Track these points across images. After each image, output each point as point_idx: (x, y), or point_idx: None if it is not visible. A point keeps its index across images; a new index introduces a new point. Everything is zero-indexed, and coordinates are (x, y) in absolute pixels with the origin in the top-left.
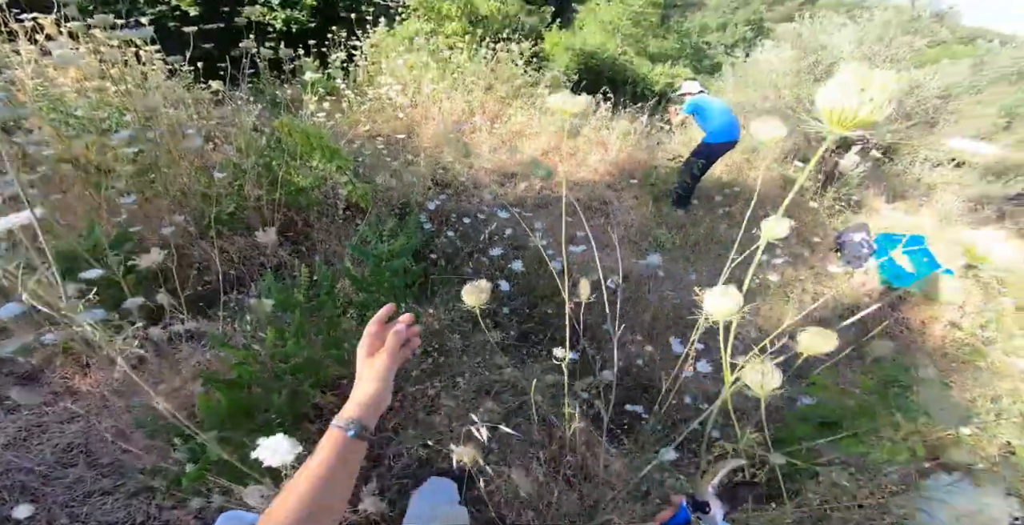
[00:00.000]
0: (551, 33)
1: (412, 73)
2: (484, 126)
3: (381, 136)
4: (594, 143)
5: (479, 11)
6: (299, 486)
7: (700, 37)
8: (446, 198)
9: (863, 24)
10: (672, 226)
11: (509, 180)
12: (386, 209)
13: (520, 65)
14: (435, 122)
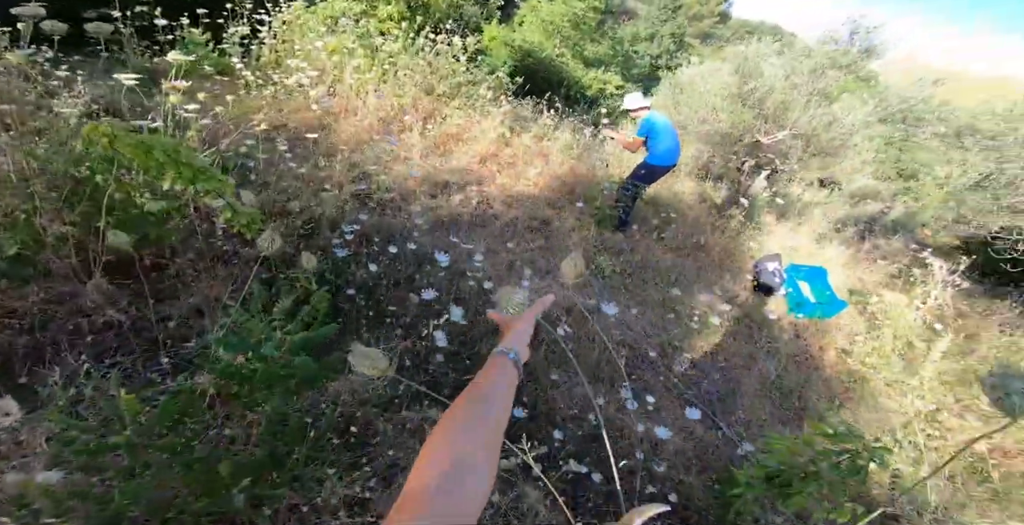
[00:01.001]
0: (490, 26)
1: (333, 59)
2: (416, 126)
3: (285, 130)
4: (535, 153)
5: None
6: (472, 395)
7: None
8: (367, 217)
9: (796, 57)
10: (613, 251)
11: (442, 191)
12: (285, 239)
13: (462, 61)
14: (358, 118)
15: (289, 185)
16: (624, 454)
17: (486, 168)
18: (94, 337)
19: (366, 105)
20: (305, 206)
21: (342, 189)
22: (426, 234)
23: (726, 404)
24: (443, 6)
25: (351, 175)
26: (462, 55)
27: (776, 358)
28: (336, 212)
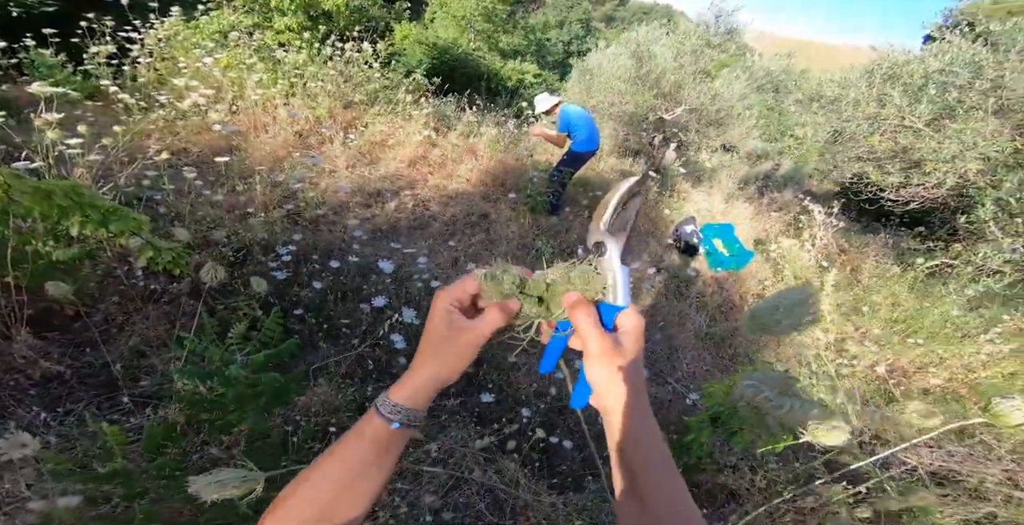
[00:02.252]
0: (401, 26)
1: (229, 75)
2: (336, 137)
3: (188, 156)
4: (463, 151)
5: (320, 5)
6: (320, 480)
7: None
8: (301, 236)
9: (679, 37)
10: (549, 234)
11: (376, 200)
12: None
13: (375, 66)
14: (270, 135)
15: (207, 214)
16: (590, 421)
17: (417, 171)
18: (38, 390)
19: (277, 121)
20: (231, 233)
21: (268, 211)
22: (367, 245)
23: (670, 361)
24: (346, 13)
25: (275, 195)
26: (374, 61)
27: (705, 312)
28: (267, 235)
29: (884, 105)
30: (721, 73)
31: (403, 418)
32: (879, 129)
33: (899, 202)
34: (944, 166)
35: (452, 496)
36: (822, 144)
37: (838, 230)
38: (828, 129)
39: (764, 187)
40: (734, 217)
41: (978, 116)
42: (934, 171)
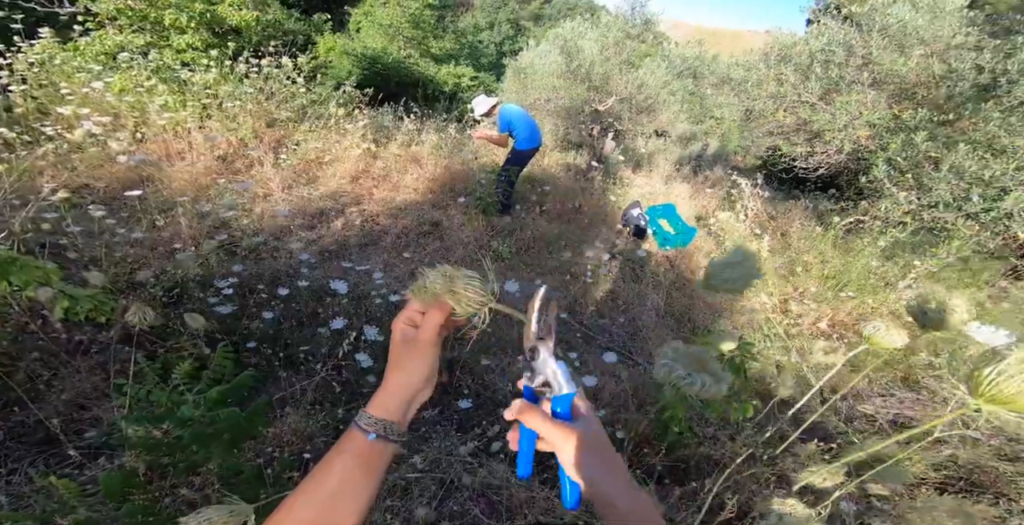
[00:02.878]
0: (324, 38)
1: (126, 100)
2: (266, 159)
3: (92, 192)
4: (406, 160)
5: (226, 21)
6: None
7: (474, 36)
8: (242, 266)
9: (602, 30)
10: (504, 234)
11: (320, 220)
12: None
13: (299, 81)
14: (187, 163)
15: (127, 254)
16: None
17: (360, 186)
18: None
19: (194, 146)
20: (159, 272)
21: (199, 244)
22: (316, 267)
23: (636, 341)
24: (257, 28)
25: (204, 227)
26: (297, 75)
27: (661, 290)
28: (202, 270)
29: (782, 84)
30: (644, 63)
31: (380, 429)
32: (781, 106)
33: (809, 169)
34: (839, 134)
35: (445, 505)
36: (738, 123)
37: (765, 200)
38: (740, 109)
39: (697, 167)
40: (674, 197)
41: (859, 89)
42: (832, 140)
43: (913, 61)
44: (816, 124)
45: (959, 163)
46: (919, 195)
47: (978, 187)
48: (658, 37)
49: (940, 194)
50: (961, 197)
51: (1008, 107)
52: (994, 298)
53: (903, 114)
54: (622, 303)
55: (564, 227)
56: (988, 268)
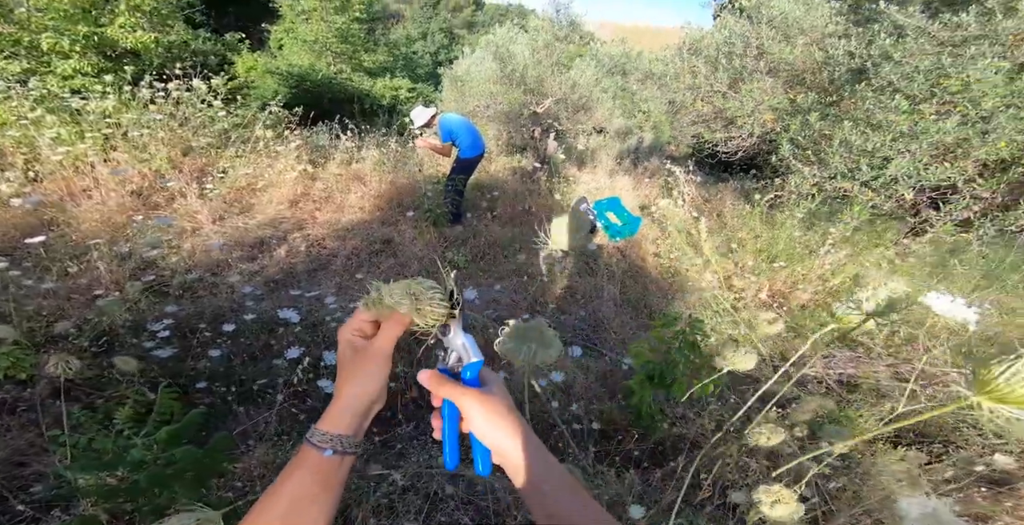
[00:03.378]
0: (243, 57)
1: (9, 134)
2: (189, 190)
3: None
4: (348, 179)
5: (119, 44)
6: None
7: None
8: (177, 307)
9: (532, 34)
10: (458, 243)
11: (260, 250)
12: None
13: (217, 104)
14: (96, 201)
15: (40, 306)
16: (542, 411)
17: (301, 210)
18: None
19: (100, 182)
20: (81, 322)
21: (122, 288)
22: (262, 299)
23: (599, 333)
24: (158, 50)
25: (127, 269)
26: (214, 98)
27: (615, 281)
28: (131, 315)
29: (696, 76)
30: (574, 63)
31: (335, 444)
32: (698, 96)
33: (730, 153)
34: (749, 120)
35: (433, 518)
36: (665, 115)
37: (698, 185)
38: (664, 101)
39: (636, 159)
40: (619, 189)
41: (759, 77)
42: (744, 125)
43: (798, 49)
44: (729, 111)
45: (846, 138)
46: (820, 169)
47: (865, 158)
48: (585, 37)
49: (836, 166)
50: (853, 167)
51: (878, 87)
52: (900, 255)
53: (797, 98)
54: (580, 297)
55: (516, 230)
56: (890, 228)
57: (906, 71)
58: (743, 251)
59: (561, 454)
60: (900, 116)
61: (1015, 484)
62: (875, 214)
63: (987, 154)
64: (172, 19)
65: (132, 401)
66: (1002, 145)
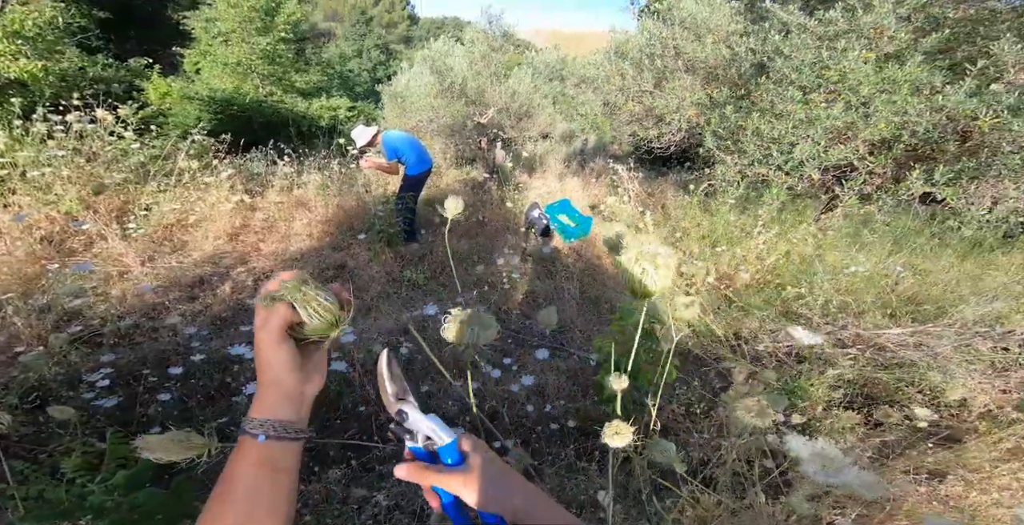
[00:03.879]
0: (155, 82)
1: None
2: (109, 231)
3: None
4: (292, 207)
5: (1, 74)
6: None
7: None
8: (114, 355)
9: (468, 46)
10: (415, 261)
11: (201, 289)
12: None
13: (128, 135)
14: (1, 251)
15: None
16: (520, 415)
17: (243, 244)
18: None
19: (2, 232)
20: (6, 380)
21: (46, 343)
22: (210, 339)
23: (564, 333)
24: (48, 79)
25: (48, 322)
26: (124, 129)
27: (574, 280)
28: (62, 368)
29: (624, 77)
30: (512, 72)
31: (268, 429)
32: (629, 97)
33: (664, 148)
34: (675, 116)
35: None
36: (601, 117)
37: (641, 180)
38: (599, 103)
39: (583, 161)
40: (569, 192)
41: (679, 76)
42: (672, 121)
43: (708, 48)
44: (657, 109)
45: (757, 127)
46: (740, 157)
47: (775, 144)
48: (521, 45)
49: (752, 154)
50: (767, 154)
51: (776, 80)
52: (821, 229)
53: (713, 93)
54: (542, 300)
55: (473, 242)
56: (809, 206)
57: (795, 64)
58: (688, 239)
59: (541, 456)
60: (796, 105)
61: (964, 441)
62: (792, 194)
63: (871, 135)
64: (61, 45)
65: (80, 452)
66: (882, 126)
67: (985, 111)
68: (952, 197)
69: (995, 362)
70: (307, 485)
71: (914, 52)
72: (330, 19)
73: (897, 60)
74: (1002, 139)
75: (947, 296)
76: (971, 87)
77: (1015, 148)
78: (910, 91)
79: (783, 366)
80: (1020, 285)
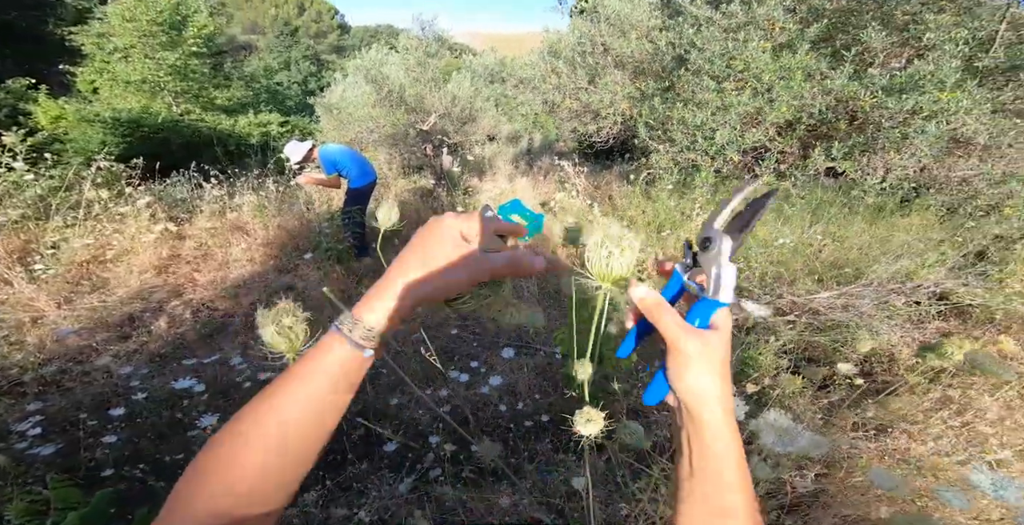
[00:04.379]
0: (45, 104)
1: None
2: (13, 275)
3: None
4: (227, 231)
5: None
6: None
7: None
8: (43, 403)
9: (403, 54)
10: (370, 276)
11: (132, 327)
12: None
13: (20, 166)
14: None
15: None
16: (494, 415)
17: (174, 275)
18: None
19: None
20: None
21: None
22: (151, 376)
23: (531, 332)
24: None
25: None
26: (12, 158)
27: (532, 278)
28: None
29: (559, 76)
30: (451, 77)
31: (376, 343)
32: (565, 94)
33: (604, 142)
34: (610, 110)
35: None
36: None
37: (586, 174)
38: (539, 103)
39: (530, 160)
40: (520, 192)
41: (610, 71)
42: (607, 115)
43: (633, 43)
44: (593, 105)
45: (682, 117)
46: (670, 145)
47: (698, 131)
48: (459, 50)
49: (680, 141)
50: (693, 141)
51: (693, 71)
52: None
53: (642, 86)
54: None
55: None
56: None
57: (707, 56)
58: (635, 226)
59: (519, 453)
60: (712, 94)
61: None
62: (720, 177)
63: (776, 118)
64: None
65: (24, 499)
66: (784, 109)
67: (864, 92)
68: (850, 169)
69: (911, 316)
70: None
71: (802, 41)
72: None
73: (789, 49)
74: (882, 116)
75: (862, 259)
76: (850, 71)
77: (894, 123)
78: (803, 77)
79: (733, 338)
80: (921, 243)
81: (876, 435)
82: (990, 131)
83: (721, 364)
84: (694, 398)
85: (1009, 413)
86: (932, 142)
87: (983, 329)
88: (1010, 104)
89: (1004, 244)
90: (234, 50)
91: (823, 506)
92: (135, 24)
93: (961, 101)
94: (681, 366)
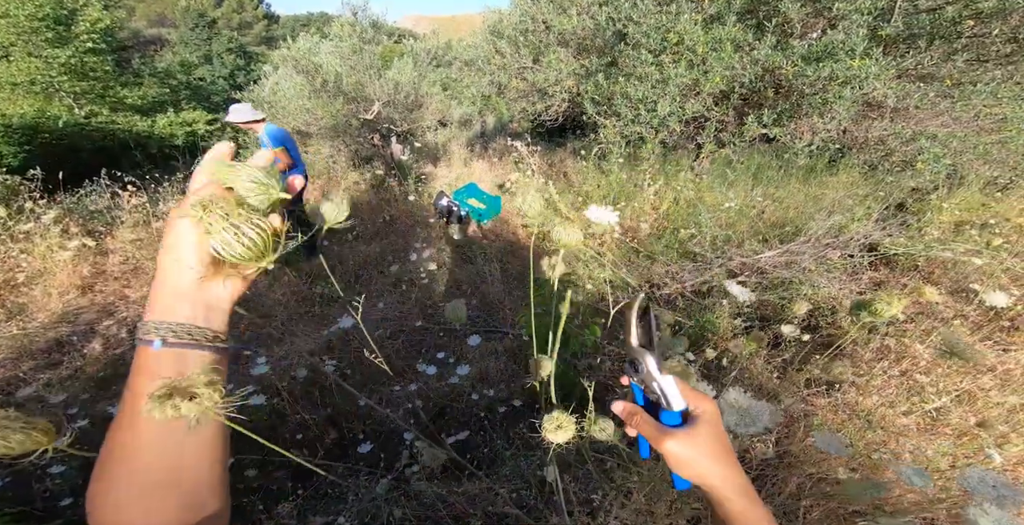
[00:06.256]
0: None
1: None
2: None
3: None
4: (157, 242)
5: None
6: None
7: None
8: None
9: (335, 42)
10: (324, 275)
11: (61, 353)
12: None
13: None
14: None
15: None
16: (468, 404)
17: (102, 294)
18: None
19: None
20: None
21: None
22: (92, 401)
23: (494, 315)
24: None
25: None
26: None
27: (493, 261)
28: None
29: (504, 56)
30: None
31: (164, 333)
32: (511, 74)
33: (554, 120)
34: (556, 88)
35: None
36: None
37: (541, 153)
38: (485, 84)
39: (485, 142)
40: (476, 175)
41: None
42: (554, 93)
43: (574, 20)
44: (539, 83)
45: (625, 91)
46: (616, 120)
47: (641, 104)
48: (400, 34)
49: (625, 115)
50: (636, 114)
51: (633, 45)
52: (697, 175)
53: (586, 63)
54: (467, 287)
55: (385, 242)
56: (684, 156)
57: (644, 29)
58: (590, 201)
59: (491, 445)
60: (650, 67)
61: (843, 347)
62: (666, 148)
63: (712, 88)
64: None
65: None
66: (717, 80)
67: (786, 62)
68: (781, 134)
69: (846, 268)
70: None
71: (729, 13)
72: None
73: (719, 21)
74: (803, 84)
75: (799, 217)
76: (772, 42)
77: (814, 90)
78: (733, 48)
79: (692, 304)
80: (849, 199)
81: (827, 390)
82: (897, 95)
83: (723, 451)
84: (708, 489)
85: (943, 360)
86: (848, 106)
87: (909, 276)
88: (912, 70)
89: (920, 195)
90: (141, 45)
91: (787, 466)
92: (10, 20)
93: (870, 68)
94: (676, 466)
